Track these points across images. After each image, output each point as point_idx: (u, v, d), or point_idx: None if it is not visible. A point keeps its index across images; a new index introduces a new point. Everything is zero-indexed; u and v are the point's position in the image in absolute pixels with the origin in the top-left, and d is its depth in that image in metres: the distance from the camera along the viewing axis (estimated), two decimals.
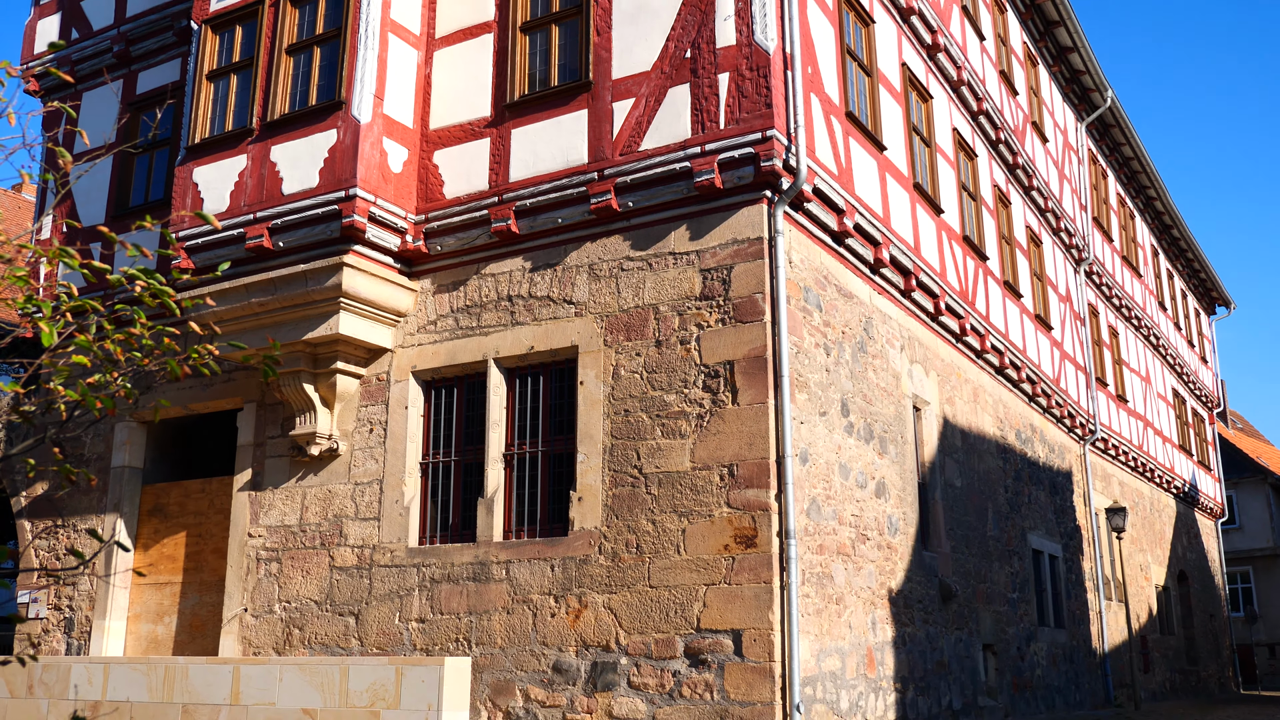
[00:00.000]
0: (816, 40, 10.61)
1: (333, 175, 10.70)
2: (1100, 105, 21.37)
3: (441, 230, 10.93)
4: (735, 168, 9.55)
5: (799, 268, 9.93)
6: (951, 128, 14.45)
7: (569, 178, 10.27)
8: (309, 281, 10.66)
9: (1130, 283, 24.03)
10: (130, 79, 14.11)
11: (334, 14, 11.26)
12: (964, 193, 14.63)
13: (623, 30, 10.40)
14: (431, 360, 10.89)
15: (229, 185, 11.41)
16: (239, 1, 11.89)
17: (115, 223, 13.52)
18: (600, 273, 10.16)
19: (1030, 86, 18.60)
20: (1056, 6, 18.65)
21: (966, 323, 13.69)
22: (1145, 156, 23.90)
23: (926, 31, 13.55)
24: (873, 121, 11.78)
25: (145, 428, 13.07)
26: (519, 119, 10.75)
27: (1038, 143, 18.42)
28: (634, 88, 10.19)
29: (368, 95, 10.78)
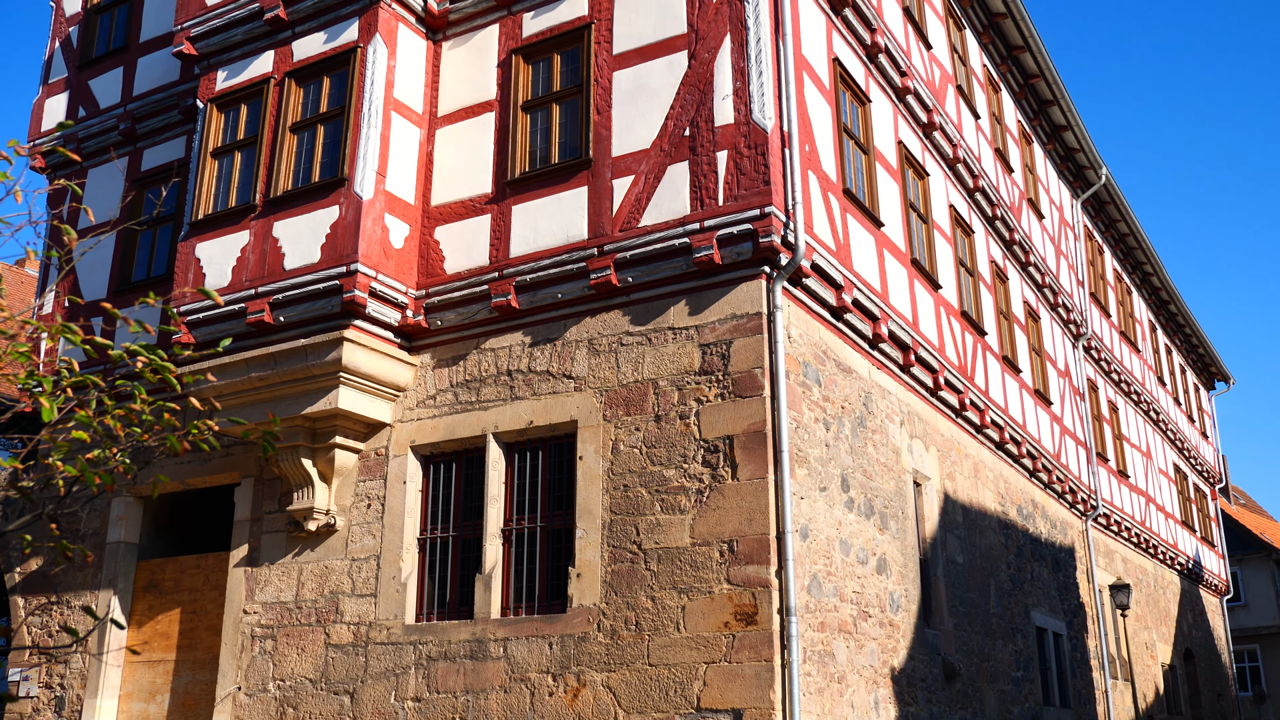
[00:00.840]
0: (814, 119, 10.77)
1: (334, 251, 10.78)
2: (1095, 183, 21.63)
3: (442, 305, 10.98)
4: (734, 244, 9.63)
5: (798, 343, 9.96)
6: (948, 204, 14.60)
7: (569, 253, 10.35)
8: (309, 356, 10.68)
9: (1129, 358, 24.09)
10: (135, 156, 14.28)
11: (338, 93, 11.43)
12: (961, 268, 14.73)
13: (622, 109, 10.56)
14: (430, 435, 10.87)
15: (231, 260, 11.49)
16: (244, 81, 12.09)
17: (117, 297, 13.58)
18: (600, 348, 10.20)
19: (1025, 164, 18.83)
20: (1050, 86, 18.97)
21: (966, 398, 13.70)
22: (1141, 233, 24.12)
23: (922, 110, 13.75)
24: (870, 198, 11.90)
25: (142, 503, 13.00)
26: (520, 195, 10.86)
27: (1034, 219, 18.59)
28: (634, 165, 10.32)
29: (370, 172, 10.91)
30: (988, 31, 17.39)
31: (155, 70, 14.28)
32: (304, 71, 11.72)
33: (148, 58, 14.45)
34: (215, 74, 12.37)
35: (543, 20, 11.31)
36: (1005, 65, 18.24)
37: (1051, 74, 18.65)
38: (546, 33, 11.24)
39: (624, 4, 10.87)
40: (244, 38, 12.19)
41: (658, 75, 10.46)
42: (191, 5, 12.56)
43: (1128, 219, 23.48)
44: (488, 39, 11.62)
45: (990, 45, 17.60)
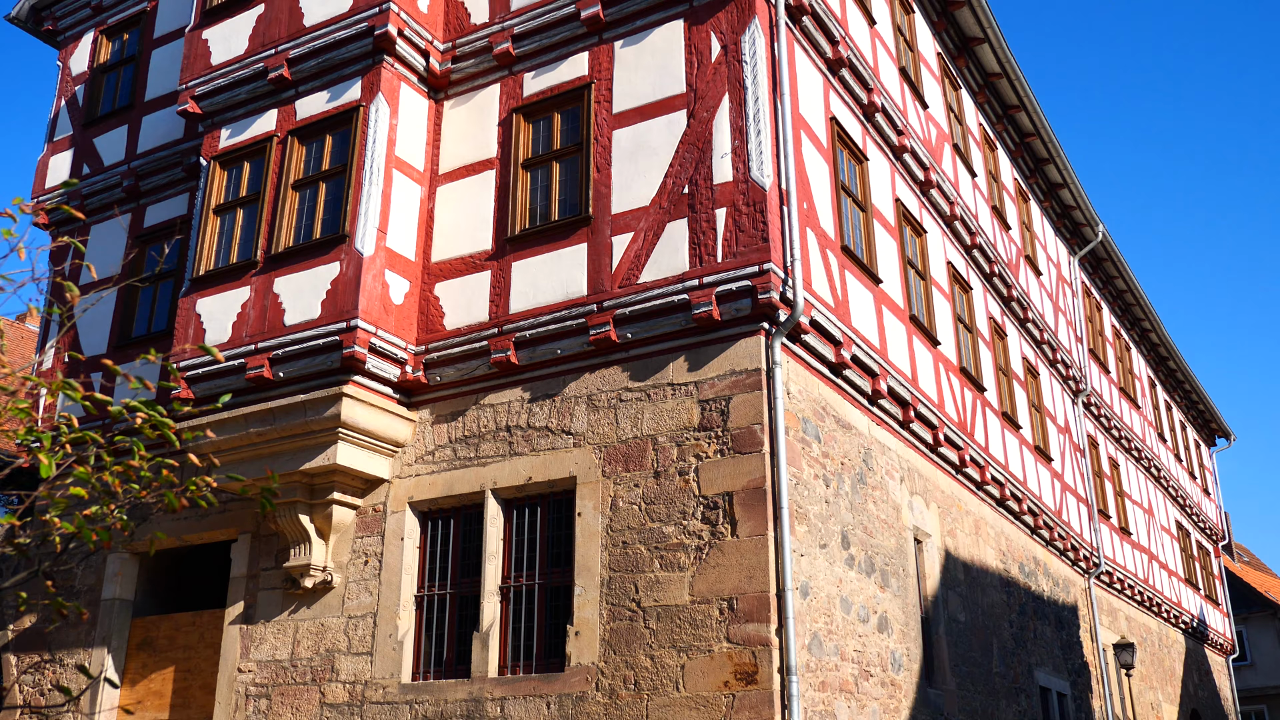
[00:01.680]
0: (811, 177, 10.87)
1: (335, 307, 10.82)
2: (1092, 240, 21.76)
3: (441, 361, 11.00)
4: (733, 300, 9.67)
5: (797, 399, 9.96)
6: (946, 261, 14.68)
7: (568, 309, 10.38)
8: (308, 412, 10.68)
9: (1129, 414, 24.07)
10: (138, 212, 14.39)
11: (340, 151, 11.55)
12: (960, 325, 14.77)
13: (622, 167, 10.66)
14: (429, 491, 10.83)
15: (231, 316, 11.53)
16: (248, 139, 12.21)
17: (117, 353, 13.61)
18: (599, 403, 10.19)
19: (1022, 221, 18.96)
20: (1046, 145, 19.16)
21: (966, 454, 13.67)
22: (1139, 290, 24.24)
23: (919, 168, 13.88)
24: (868, 255, 11.97)
25: (137, 559, 12.92)
26: (520, 252, 10.92)
27: (1031, 276, 18.68)
28: (633, 222, 10.39)
29: (371, 229, 10.98)
30: (983, 91, 17.60)
31: (159, 128, 14.43)
32: (307, 130, 11.85)
33: (152, 116, 14.62)
34: (219, 132, 12.50)
35: (543, 80, 11.45)
36: (1001, 124, 18.44)
37: (1047, 132, 18.85)
38: (547, 92, 11.38)
39: (623, 64, 11.01)
40: (248, 96, 12.34)
41: (657, 134, 10.57)
42: (197, 65, 12.73)
43: (1125, 276, 23.60)
44: (489, 98, 11.76)
45: (986, 104, 17.81)
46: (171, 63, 14.65)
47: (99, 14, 16.00)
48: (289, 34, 12.12)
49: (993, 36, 16.44)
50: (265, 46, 12.25)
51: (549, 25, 11.45)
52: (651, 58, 10.86)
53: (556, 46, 11.47)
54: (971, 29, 16.40)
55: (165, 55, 14.89)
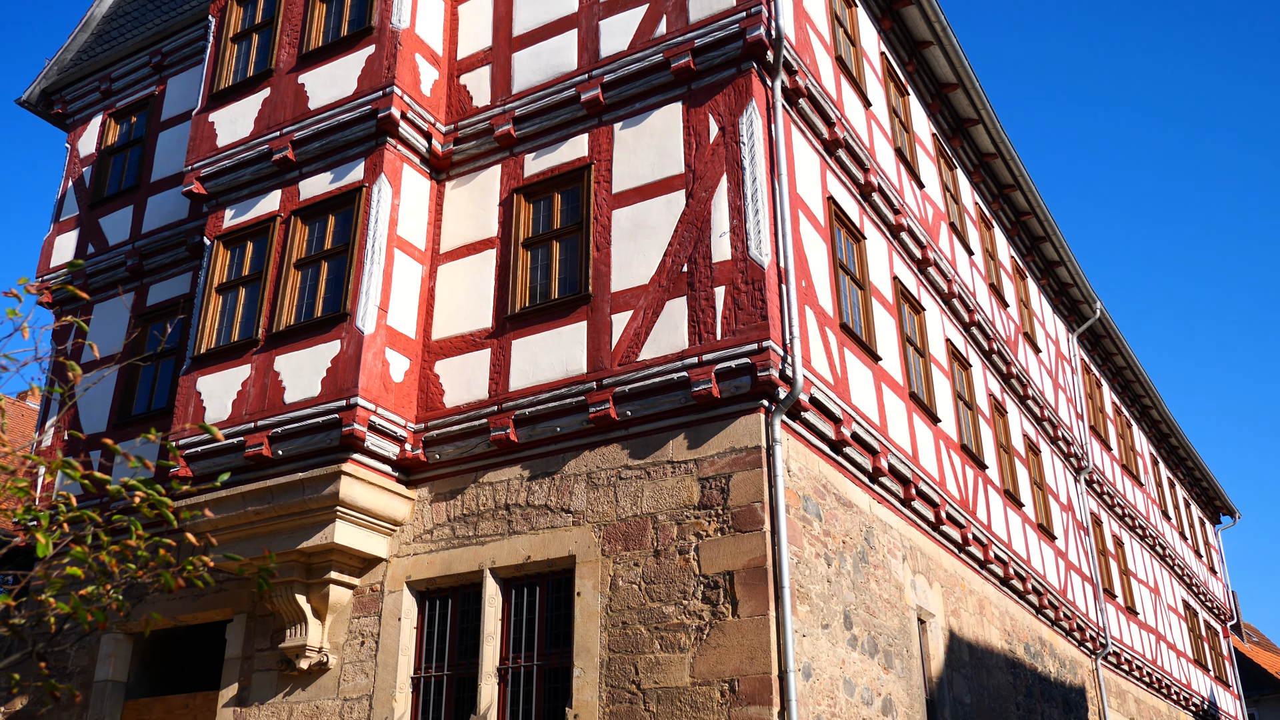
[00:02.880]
0: (810, 255, 10.96)
1: (335, 385, 10.84)
2: (1090, 317, 21.87)
3: (441, 439, 10.98)
4: (732, 378, 9.69)
5: (798, 476, 9.93)
6: (945, 338, 14.73)
7: (568, 387, 10.40)
8: (306, 490, 10.63)
9: (1131, 491, 23.95)
10: (141, 291, 14.49)
11: (342, 231, 11.66)
12: (960, 402, 14.77)
13: (621, 245, 10.76)
14: (427, 570, 10.74)
15: (232, 394, 11.55)
16: (251, 219, 12.35)
17: (117, 431, 13.61)
18: (598, 481, 10.16)
19: (1020, 298, 19.07)
20: (1041, 223, 19.35)
21: (968, 532, 13.58)
22: (1138, 366, 24.28)
23: (916, 247, 14.00)
24: (867, 333, 12.02)
25: (131, 640, 12.76)
26: (520, 330, 10.98)
27: (1030, 353, 18.74)
28: (632, 300, 10.46)
29: (372, 308, 11.05)
30: (978, 170, 17.83)
31: (164, 209, 14.62)
32: (309, 210, 11.98)
33: (157, 197, 14.81)
34: (223, 212, 12.64)
35: (544, 161, 11.61)
36: (997, 203, 18.64)
37: (1042, 211, 19.05)
38: (547, 173, 11.53)
39: (623, 145, 11.18)
40: (252, 177, 12.51)
41: (656, 213, 10.68)
42: (203, 147, 12.92)
43: (1124, 353, 23.66)
44: (490, 178, 11.91)
45: (981, 184, 18.03)
46: (177, 145, 14.89)
47: (108, 97, 16.30)
48: (294, 116, 12.33)
49: (987, 118, 16.70)
50: (270, 129, 12.45)
51: (550, 108, 11.64)
52: (650, 139, 11.03)
53: (557, 128, 11.65)
54: (966, 110, 16.67)
55: (171, 138, 15.14)
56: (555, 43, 11.94)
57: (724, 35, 10.77)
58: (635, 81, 11.24)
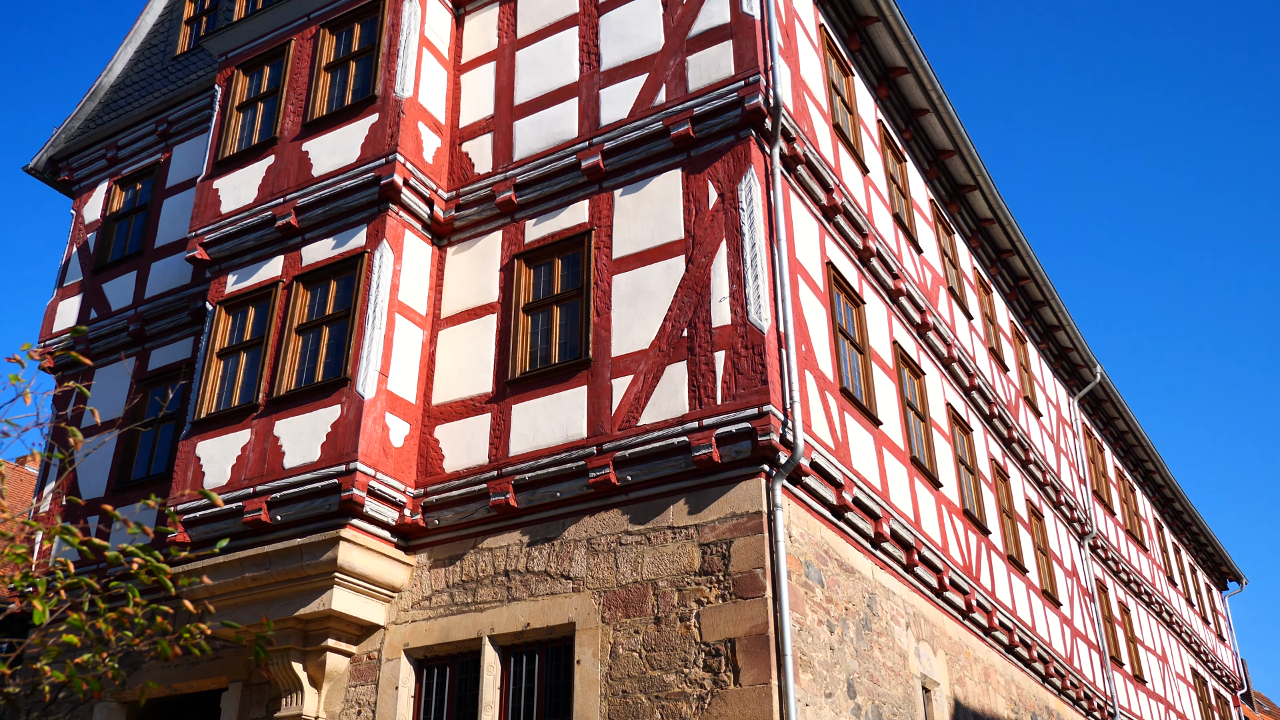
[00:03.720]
0: (809, 320, 11.00)
1: (334, 450, 10.82)
2: (1090, 381, 21.87)
3: (440, 504, 10.94)
4: (733, 442, 9.67)
5: (799, 542, 9.87)
6: (945, 403, 14.73)
7: (568, 452, 10.38)
8: (304, 556, 10.56)
9: (1136, 557, 23.77)
10: (143, 356, 14.53)
11: (344, 296, 11.72)
12: (961, 466, 14.73)
13: (621, 310, 10.80)
14: (425, 638, 10.63)
15: (231, 459, 11.52)
16: (254, 284, 12.42)
17: (116, 496, 13.56)
18: (598, 547, 10.09)
19: (1020, 362, 19.10)
20: (1040, 287, 19.44)
21: (972, 599, 13.45)
22: (1139, 431, 24.22)
23: (915, 311, 14.06)
24: (867, 397, 12.02)
25: (125, 708, 12.59)
26: (520, 395, 10.98)
27: (1031, 417, 18.72)
28: (633, 365, 10.48)
29: (373, 372, 11.06)
30: (976, 236, 17.96)
31: (167, 274, 14.71)
32: (312, 275, 12.06)
33: (161, 262, 14.92)
34: (225, 278, 12.72)
35: (545, 227, 11.71)
36: (995, 268, 18.75)
37: (1041, 276, 19.16)
38: (548, 238, 11.62)
39: (623, 211, 11.28)
40: (255, 243, 12.60)
41: (656, 278, 10.74)
42: (207, 213, 13.04)
43: (1125, 417, 23.62)
44: (491, 244, 12.00)
45: (979, 249, 18.15)
46: (182, 211, 15.03)
47: (114, 165, 16.48)
48: (297, 183, 12.46)
49: (983, 183, 16.86)
50: (274, 195, 12.57)
51: (550, 174, 11.77)
52: (650, 205, 11.13)
53: (558, 195, 11.77)
54: (962, 176, 16.84)
55: (176, 204, 15.28)
56: (556, 111, 12.11)
57: (723, 104, 10.92)
58: (635, 149, 11.38)
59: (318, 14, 13.50)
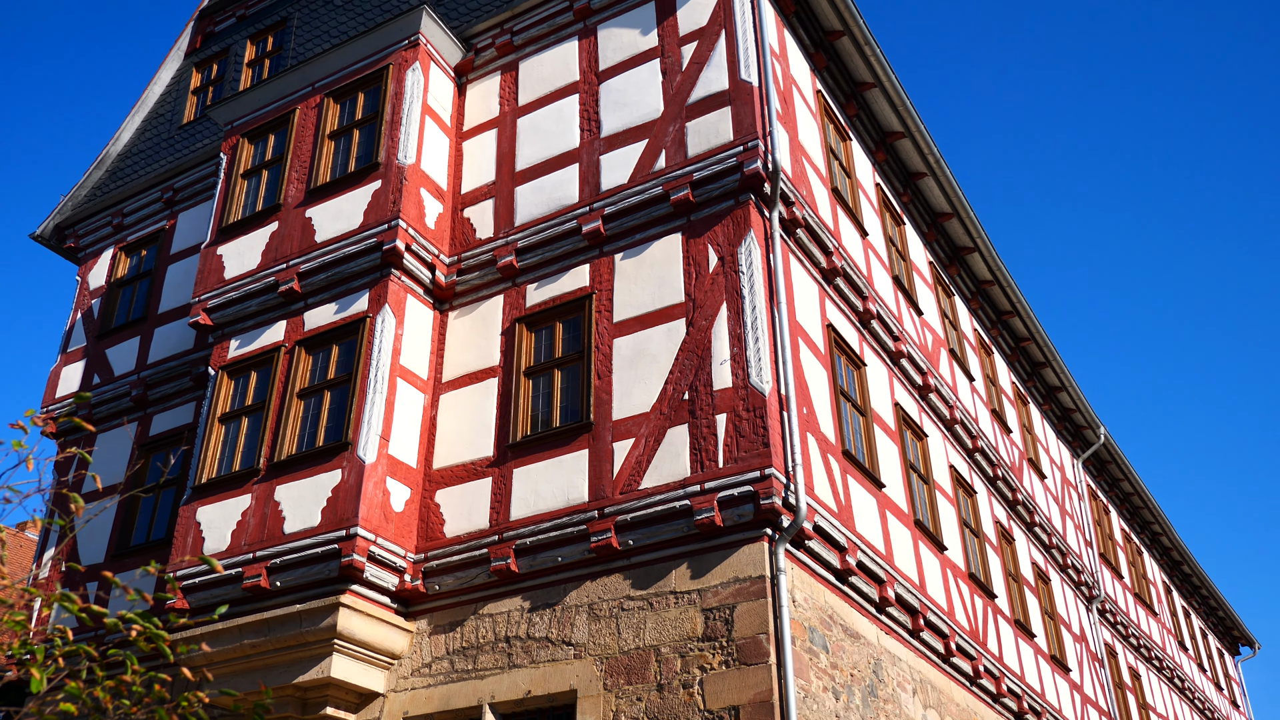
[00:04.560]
0: (810, 382, 11.01)
1: (335, 515, 10.78)
2: (1094, 442, 21.81)
3: (441, 569, 10.86)
4: (735, 506, 9.62)
5: (803, 607, 9.77)
6: (948, 465, 14.68)
7: (570, 516, 10.33)
8: (304, 622, 10.47)
9: (1146, 621, 23.52)
10: (145, 421, 14.54)
11: (346, 360, 11.76)
12: (966, 529, 14.63)
13: (623, 374, 10.82)
14: (424, 706, 10.49)
15: (231, 524, 11.47)
16: (256, 349, 12.46)
17: (115, 562, 13.48)
18: (600, 613, 10.00)
19: (1023, 424, 19.06)
20: (1041, 349, 19.47)
21: (979, 664, 13.29)
22: (1146, 493, 24.09)
23: (916, 373, 14.06)
24: (870, 460, 11.99)
25: None
26: (521, 459, 10.96)
27: (1036, 479, 18.63)
28: (634, 428, 10.46)
29: (374, 437, 11.05)
30: (976, 298, 18.03)
31: (170, 339, 14.77)
32: (314, 340, 12.10)
33: (164, 328, 14.99)
34: (228, 343, 12.77)
35: (546, 291, 11.77)
36: (996, 329, 18.80)
37: (1041, 337, 19.19)
38: (549, 302, 11.68)
39: (624, 275, 11.34)
40: (258, 309, 12.67)
41: (657, 342, 10.77)
42: (210, 279, 13.13)
43: (1131, 479, 23.51)
44: (492, 308, 12.06)
45: (980, 310, 18.21)
46: (185, 277, 15.13)
47: (119, 232, 16.64)
48: (300, 249, 12.56)
49: (982, 245, 16.97)
50: (277, 261, 12.67)
51: (552, 239, 11.86)
52: (651, 269, 11.20)
53: (559, 259, 11.85)
54: (961, 239, 16.95)
55: (180, 270, 15.39)
56: (557, 176, 12.24)
57: (722, 169, 11.03)
58: (635, 213, 11.47)
59: (322, 83, 13.72)
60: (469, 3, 14.25)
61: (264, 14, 17.05)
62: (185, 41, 17.88)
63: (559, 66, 13.06)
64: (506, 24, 13.59)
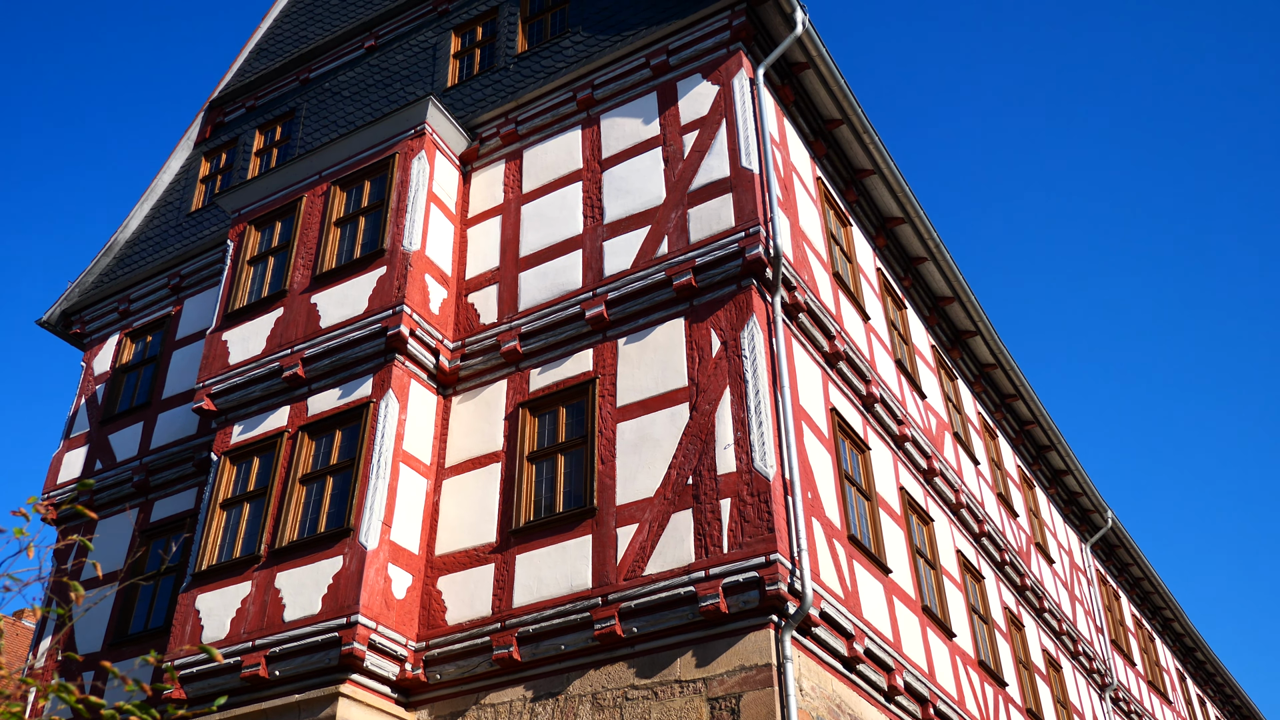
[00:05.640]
0: (815, 466, 10.96)
1: (336, 602, 10.66)
2: (1102, 526, 21.62)
3: (442, 658, 10.70)
4: (740, 592, 9.51)
5: (810, 696, 9.60)
6: (955, 550, 14.54)
7: (573, 603, 10.20)
8: (303, 713, 10.28)
9: (1161, 710, 23.07)
10: (146, 507, 14.47)
11: (349, 445, 11.73)
12: (975, 616, 14.43)
13: (626, 458, 10.78)
14: None
15: (231, 612, 11.34)
16: (259, 434, 12.45)
17: (113, 651, 13.30)
18: (604, 702, 9.82)
19: (1029, 508, 18.92)
20: (1045, 432, 19.41)
21: None
22: (1155, 577, 23.82)
23: (921, 457, 14.00)
24: (876, 545, 11.88)
25: None
26: (524, 545, 10.87)
27: (1044, 564, 18.43)
28: (637, 513, 10.39)
29: (376, 523, 10.98)
30: (979, 380, 18.03)
31: (173, 425, 14.77)
32: (317, 425, 12.10)
33: (167, 413, 14.99)
34: (231, 428, 12.76)
35: (549, 375, 11.79)
36: (1000, 412, 18.76)
37: (1046, 420, 19.14)
38: (553, 387, 11.69)
39: (627, 359, 11.37)
40: (262, 394, 12.68)
41: (660, 426, 10.75)
42: (215, 364, 13.17)
43: (1140, 563, 23.26)
44: (496, 393, 12.07)
45: (983, 393, 18.19)
46: (190, 362, 15.18)
47: (125, 318, 16.74)
48: (305, 335, 12.62)
49: (984, 329, 17.02)
50: (282, 346, 12.72)
51: (555, 324, 11.92)
52: (654, 353, 11.23)
53: (562, 344, 11.89)
54: (963, 322, 17.01)
55: (185, 355, 15.45)
56: (561, 262, 12.34)
57: (724, 254, 11.13)
58: (638, 298, 11.54)
59: (329, 172, 13.92)
60: (474, 93, 14.52)
61: (273, 105, 17.37)
62: (195, 131, 18.18)
63: (563, 155, 13.26)
64: (511, 114, 13.83)
